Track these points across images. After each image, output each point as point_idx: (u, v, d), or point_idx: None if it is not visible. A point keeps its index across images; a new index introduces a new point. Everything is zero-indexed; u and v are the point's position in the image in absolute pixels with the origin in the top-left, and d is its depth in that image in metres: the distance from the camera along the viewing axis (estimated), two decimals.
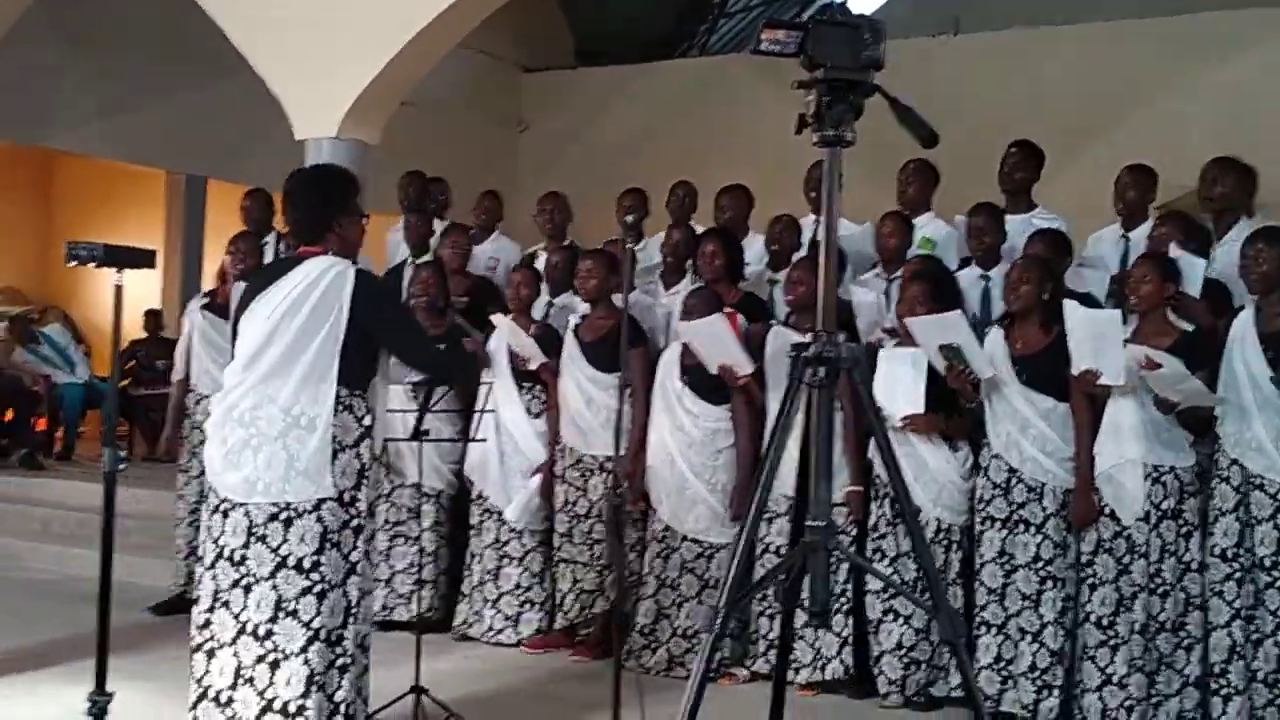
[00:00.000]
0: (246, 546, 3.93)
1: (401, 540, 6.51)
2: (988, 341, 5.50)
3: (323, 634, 3.93)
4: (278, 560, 3.91)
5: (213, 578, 3.98)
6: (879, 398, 5.27)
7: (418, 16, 7.17)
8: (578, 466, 6.21)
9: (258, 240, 6.95)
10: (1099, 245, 6.24)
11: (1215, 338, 5.12)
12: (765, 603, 5.74)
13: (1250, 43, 10.99)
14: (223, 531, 3.97)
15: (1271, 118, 10.11)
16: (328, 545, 3.94)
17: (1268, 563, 4.95)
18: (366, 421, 4.06)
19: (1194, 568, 5.12)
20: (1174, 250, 5.38)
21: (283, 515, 3.92)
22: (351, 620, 4.00)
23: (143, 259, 4.42)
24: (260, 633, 3.91)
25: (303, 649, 3.91)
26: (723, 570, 5.76)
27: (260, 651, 3.92)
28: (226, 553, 3.95)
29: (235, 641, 3.93)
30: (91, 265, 4.29)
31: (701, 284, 6.29)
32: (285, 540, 3.92)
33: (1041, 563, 5.32)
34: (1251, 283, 5.08)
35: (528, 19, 13.83)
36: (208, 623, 3.98)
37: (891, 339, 5.73)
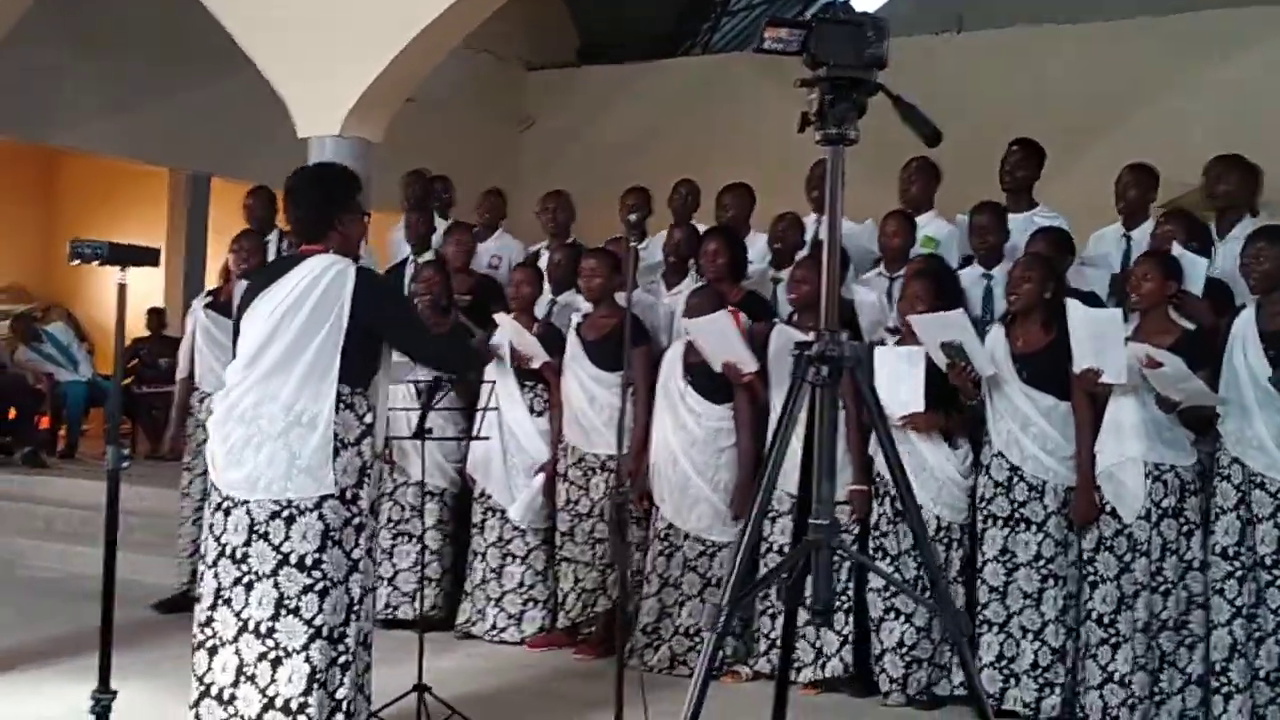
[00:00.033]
0: (248, 544, 3.94)
1: (404, 539, 6.53)
2: (989, 339, 5.50)
3: (324, 631, 3.93)
4: (279, 558, 3.91)
5: (215, 575, 3.98)
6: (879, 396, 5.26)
7: (421, 14, 7.16)
8: (580, 465, 6.22)
9: (260, 238, 6.95)
10: (1100, 244, 6.23)
11: (1216, 336, 5.12)
12: (767, 601, 5.74)
13: (1253, 41, 10.98)
14: (225, 529, 3.97)
15: (1275, 115, 10.11)
16: (329, 543, 3.95)
17: (1269, 561, 4.96)
18: (368, 419, 4.06)
19: (1196, 566, 5.12)
20: (1176, 249, 5.38)
21: (284, 513, 3.92)
22: (353, 618, 4.01)
23: (146, 257, 4.43)
24: (262, 630, 3.92)
25: (304, 646, 3.91)
26: (725, 569, 5.77)
27: (262, 649, 3.92)
28: (228, 550, 3.96)
29: (237, 639, 3.94)
30: (95, 263, 4.29)
31: (704, 283, 6.29)
32: (287, 538, 3.92)
33: (1043, 561, 5.33)
34: (1252, 281, 5.08)
35: (531, 17, 13.84)
36: (210, 620, 3.98)
37: (893, 337, 5.73)
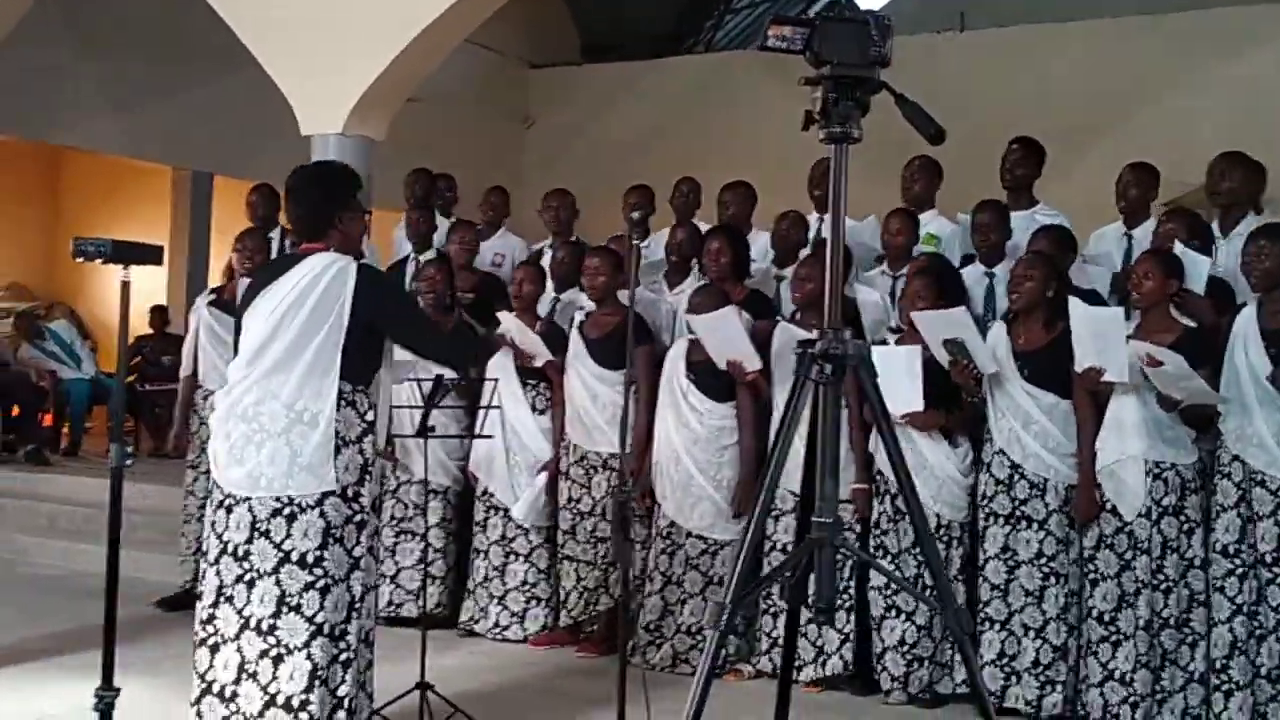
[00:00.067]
0: (250, 541, 3.94)
1: (407, 536, 6.53)
2: (991, 336, 5.50)
3: (326, 629, 3.94)
4: (281, 555, 3.92)
5: (216, 573, 3.99)
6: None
7: (424, 12, 7.16)
8: (582, 464, 6.22)
9: (264, 237, 6.94)
10: (1101, 242, 6.22)
11: (1218, 334, 5.11)
12: (768, 600, 5.74)
13: (1263, 39, 10.94)
14: (226, 526, 3.97)
15: None
16: (330, 540, 3.95)
17: (1269, 559, 4.95)
18: (369, 417, 4.07)
19: (1197, 564, 5.12)
20: (1178, 247, 5.38)
21: (286, 510, 3.92)
22: (355, 615, 4.01)
23: (150, 255, 4.42)
24: (263, 628, 3.92)
25: (306, 644, 3.92)
26: (727, 567, 5.76)
27: (263, 646, 3.92)
28: (230, 548, 3.96)
29: (239, 636, 3.94)
30: (99, 261, 4.29)
31: (707, 281, 6.29)
32: (288, 535, 3.92)
33: (1044, 559, 5.32)
34: (1254, 279, 5.08)
35: (534, 15, 13.83)
36: (211, 618, 3.99)
37: (894, 335, 5.72)
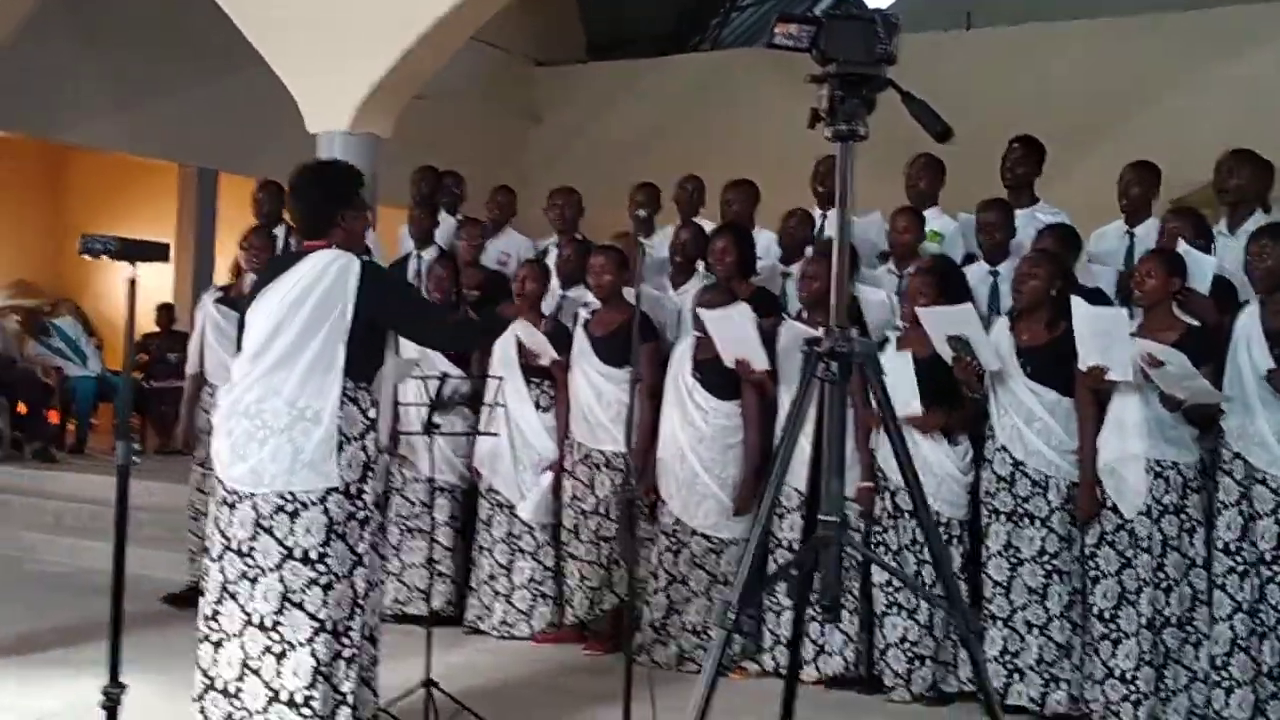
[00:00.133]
0: (254, 538, 3.96)
1: (412, 534, 6.53)
2: (993, 332, 5.49)
3: (328, 625, 3.95)
4: (284, 552, 3.94)
5: (220, 570, 4.01)
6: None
7: (430, 10, 7.16)
8: (586, 462, 6.22)
9: (269, 234, 6.95)
10: (1103, 241, 6.21)
11: (1221, 333, 5.11)
12: (773, 598, 5.74)
13: (1263, 39, 10.92)
14: (230, 523, 3.99)
15: None
16: (333, 537, 3.97)
17: (1269, 557, 4.96)
18: (371, 414, 4.08)
19: (1199, 563, 5.12)
20: (1182, 246, 5.37)
21: (289, 507, 3.94)
22: (358, 612, 4.03)
23: (157, 252, 4.42)
24: (266, 624, 3.94)
25: (309, 640, 3.93)
26: (732, 565, 5.77)
27: (266, 642, 3.94)
28: (234, 545, 3.98)
29: (242, 633, 3.96)
30: (105, 258, 4.30)
31: (713, 280, 6.28)
32: (291, 532, 3.94)
33: (1047, 556, 5.32)
34: (1256, 279, 5.07)
35: (540, 13, 13.84)
36: (215, 614, 4.01)
37: (895, 334, 5.72)
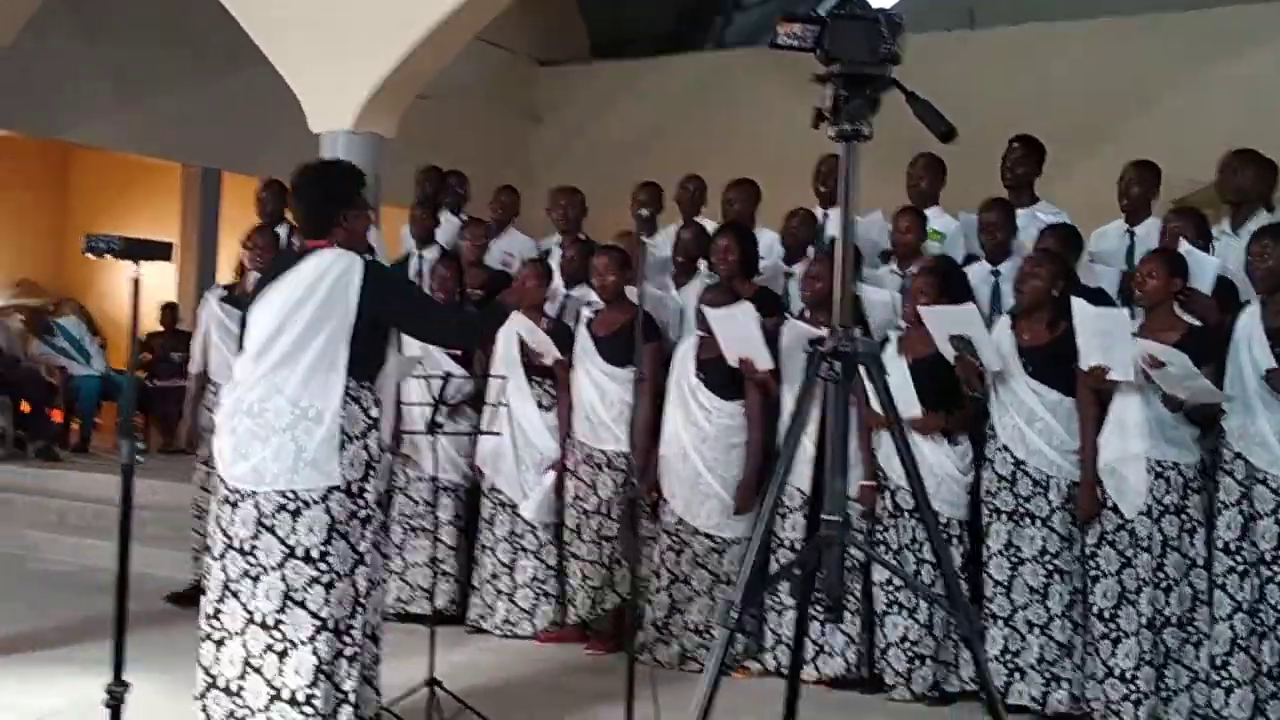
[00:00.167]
0: (256, 537, 3.96)
1: (416, 533, 6.54)
2: (995, 331, 5.49)
3: (330, 624, 3.96)
4: (286, 550, 3.94)
5: (222, 568, 4.01)
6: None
7: (434, 10, 7.18)
8: (588, 461, 6.22)
9: (273, 232, 6.96)
10: (1103, 240, 6.21)
11: (1222, 333, 5.10)
12: (775, 598, 5.75)
13: (1263, 39, 10.92)
14: (232, 522, 3.99)
15: None
16: (335, 535, 3.97)
17: (1269, 557, 4.96)
18: (374, 413, 4.08)
19: (1199, 564, 5.11)
20: (1184, 246, 5.37)
21: (291, 505, 3.94)
22: (360, 611, 4.03)
23: (160, 252, 4.42)
24: (268, 622, 3.94)
25: (310, 639, 3.93)
26: (734, 565, 5.77)
27: (268, 641, 3.95)
28: (236, 543, 3.99)
29: (244, 631, 3.96)
30: (109, 257, 4.31)
31: (715, 279, 6.29)
32: (293, 530, 3.94)
33: (1048, 556, 5.32)
34: (1257, 279, 5.07)
35: (543, 12, 13.85)
36: (217, 612, 4.01)
37: (896, 333, 5.72)
